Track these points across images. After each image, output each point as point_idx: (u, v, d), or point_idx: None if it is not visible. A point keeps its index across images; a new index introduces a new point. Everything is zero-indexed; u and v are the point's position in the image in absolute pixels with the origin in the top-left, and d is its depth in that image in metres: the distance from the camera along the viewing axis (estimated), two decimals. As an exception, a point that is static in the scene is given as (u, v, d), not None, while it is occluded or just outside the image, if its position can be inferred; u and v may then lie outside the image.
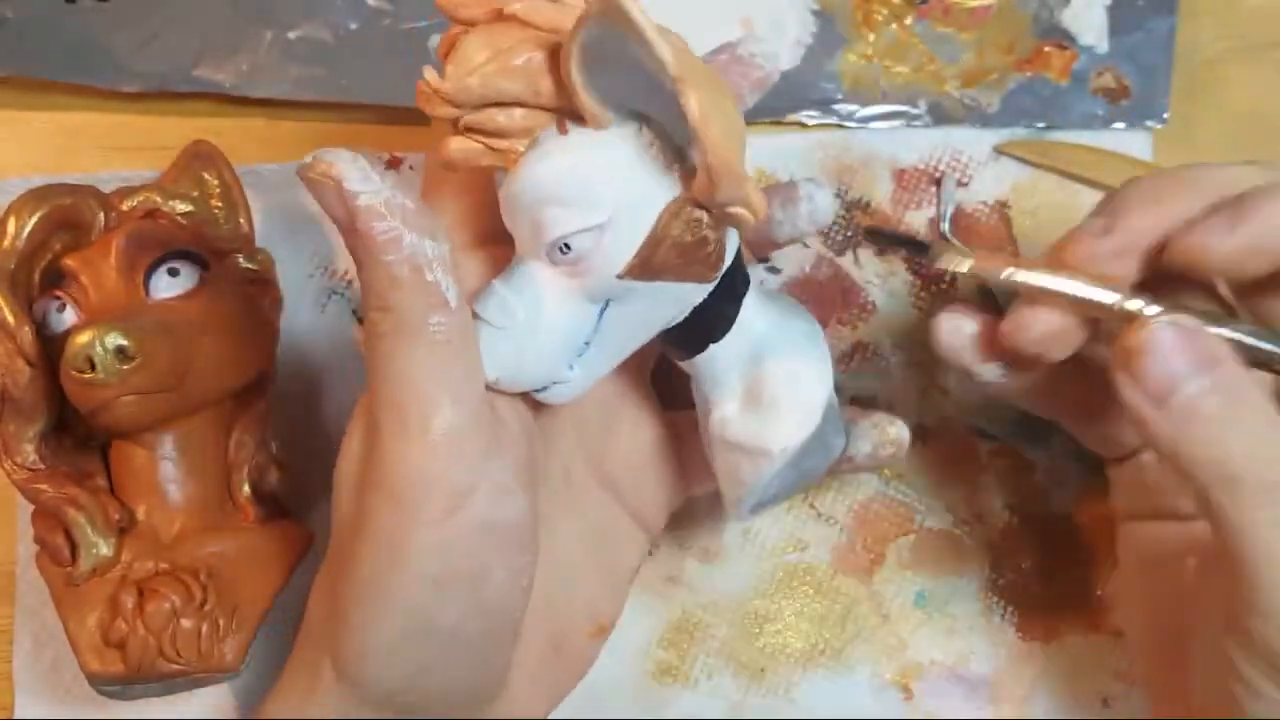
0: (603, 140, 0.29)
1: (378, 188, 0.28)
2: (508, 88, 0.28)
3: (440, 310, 0.29)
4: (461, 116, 0.29)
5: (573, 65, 0.27)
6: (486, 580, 0.31)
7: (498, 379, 0.31)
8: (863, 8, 0.44)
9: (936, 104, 0.44)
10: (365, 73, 0.43)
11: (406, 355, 0.29)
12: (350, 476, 0.31)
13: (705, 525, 0.42)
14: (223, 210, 0.40)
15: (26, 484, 0.36)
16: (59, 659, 0.41)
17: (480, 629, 0.32)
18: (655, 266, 0.30)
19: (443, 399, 0.29)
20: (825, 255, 0.43)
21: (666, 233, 0.29)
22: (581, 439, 0.36)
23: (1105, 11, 0.44)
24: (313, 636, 0.33)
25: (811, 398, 0.33)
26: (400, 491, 0.29)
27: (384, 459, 0.29)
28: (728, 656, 0.42)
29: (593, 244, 0.29)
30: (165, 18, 0.43)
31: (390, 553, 0.30)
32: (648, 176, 0.29)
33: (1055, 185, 0.44)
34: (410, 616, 0.30)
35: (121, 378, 0.34)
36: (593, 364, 0.31)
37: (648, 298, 0.30)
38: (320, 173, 0.28)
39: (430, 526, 0.29)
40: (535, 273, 0.30)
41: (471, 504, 0.30)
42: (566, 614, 0.35)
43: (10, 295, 0.35)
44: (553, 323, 0.30)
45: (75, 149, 0.44)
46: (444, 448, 0.29)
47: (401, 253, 0.28)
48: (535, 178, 0.29)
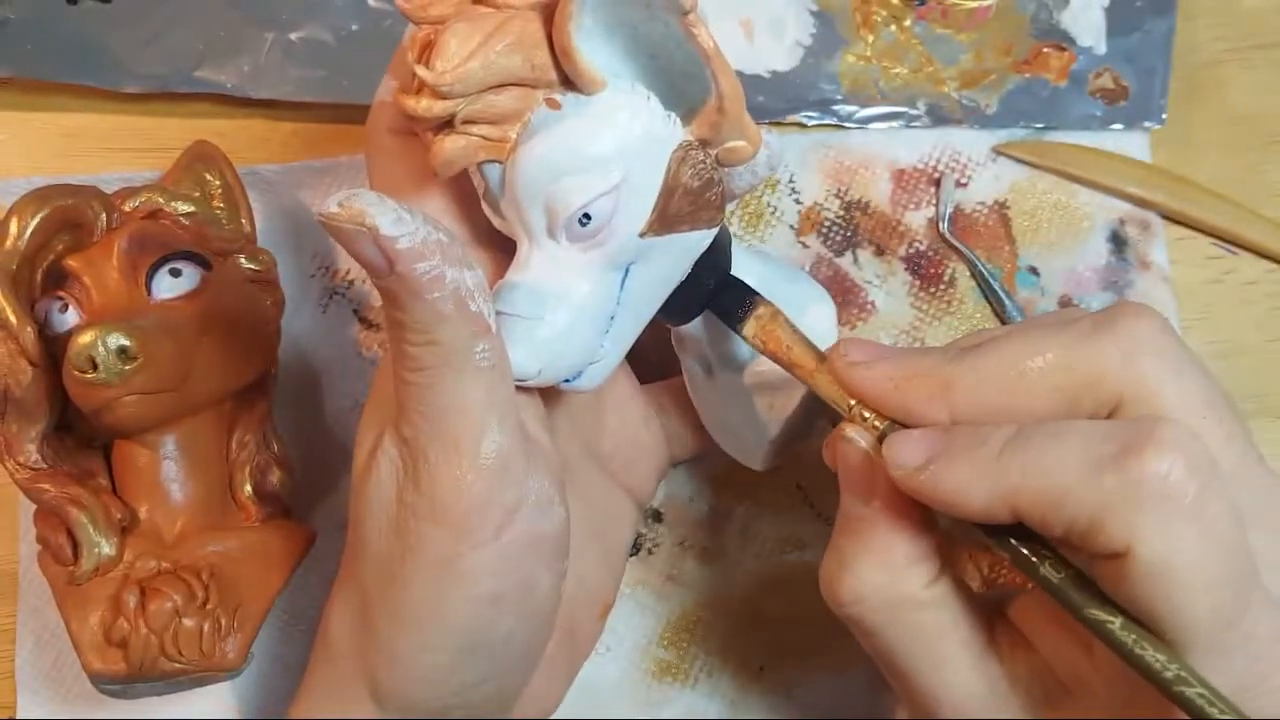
0: (600, 102, 0.29)
1: (413, 227, 0.27)
2: (508, 65, 0.28)
3: (484, 337, 0.29)
4: (454, 114, 0.28)
5: (570, 28, 0.28)
6: (535, 590, 0.31)
7: (540, 370, 0.31)
8: (862, 9, 0.44)
9: (935, 105, 0.44)
10: (366, 74, 0.43)
11: (455, 385, 0.29)
12: (385, 506, 0.31)
13: (705, 525, 0.43)
14: (224, 211, 0.40)
15: (29, 483, 0.36)
16: (61, 658, 0.42)
17: (528, 637, 0.32)
18: (671, 218, 0.30)
19: (491, 422, 0.29)
20: (825, 255, 0.44)
21: (678, 180, 0.30)
22: (576, 426, 0.36)
23: (1103, 13, 0.44)
24: (338, 660, 0.33)
25: (823, 317, 0.34)
26: (457, 517, 0.29)
27: (435, 487, 0.29)
28: (727, 655, 0.42)
29: (611, 206, 0.29)
30: (167, 19, 0.43)
31: (443, 577, 0.30)
32: (650, 128, 0.29)
33: (1054, 186, 0.44)
34: (465, 636, 0.31)
35: (124, 378, 0.34)
36: (620, 336, 0.32)
37: (664, 253, 0.31)
38: (352, 221, 0.27)
39: (484, 547, 0.30)
40: (554, 255, 0.30)
41: (519, 519, 0.30)
42: (577, 600, 0.36)
43: (13, 296, 0.35)
44: (582, 301, 0.30)
45: (77, 150, 0.44)
46: (494, 469, 0.29)
47: (445, 289, 0.28)
48: (541, 157, 0.29)
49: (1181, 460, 0.25)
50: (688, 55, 0.28)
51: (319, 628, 0.34)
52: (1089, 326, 0.28)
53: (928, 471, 0.28)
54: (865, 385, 0.30)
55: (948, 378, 0.28)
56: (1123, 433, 0.26)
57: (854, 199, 0.44)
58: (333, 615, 0.33)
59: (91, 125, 0.44)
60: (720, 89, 0.29)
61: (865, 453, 0.29)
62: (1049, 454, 0.26)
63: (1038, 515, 0.26)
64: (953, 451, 0.27)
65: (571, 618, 0.35)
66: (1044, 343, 0.28)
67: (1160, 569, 0.25)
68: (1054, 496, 0.26)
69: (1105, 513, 0.25)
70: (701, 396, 0.37)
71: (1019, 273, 0.43)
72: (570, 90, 0.29)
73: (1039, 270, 0.43)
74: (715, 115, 0.29)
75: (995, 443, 0.27)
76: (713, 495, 0.43)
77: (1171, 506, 0.25)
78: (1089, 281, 0.43)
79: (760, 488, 0.42)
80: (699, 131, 0.30)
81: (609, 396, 0.37)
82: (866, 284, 0.43)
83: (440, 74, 0.28)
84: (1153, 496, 0.25)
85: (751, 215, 0.44)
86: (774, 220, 0.44)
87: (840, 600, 0.30)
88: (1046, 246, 0.43)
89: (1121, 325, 0.28)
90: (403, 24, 0.43)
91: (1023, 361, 0.28)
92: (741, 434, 0.36)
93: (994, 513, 0.27)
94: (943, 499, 0.28)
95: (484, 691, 0.32)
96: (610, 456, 0.37)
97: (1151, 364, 0.27)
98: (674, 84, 0.29)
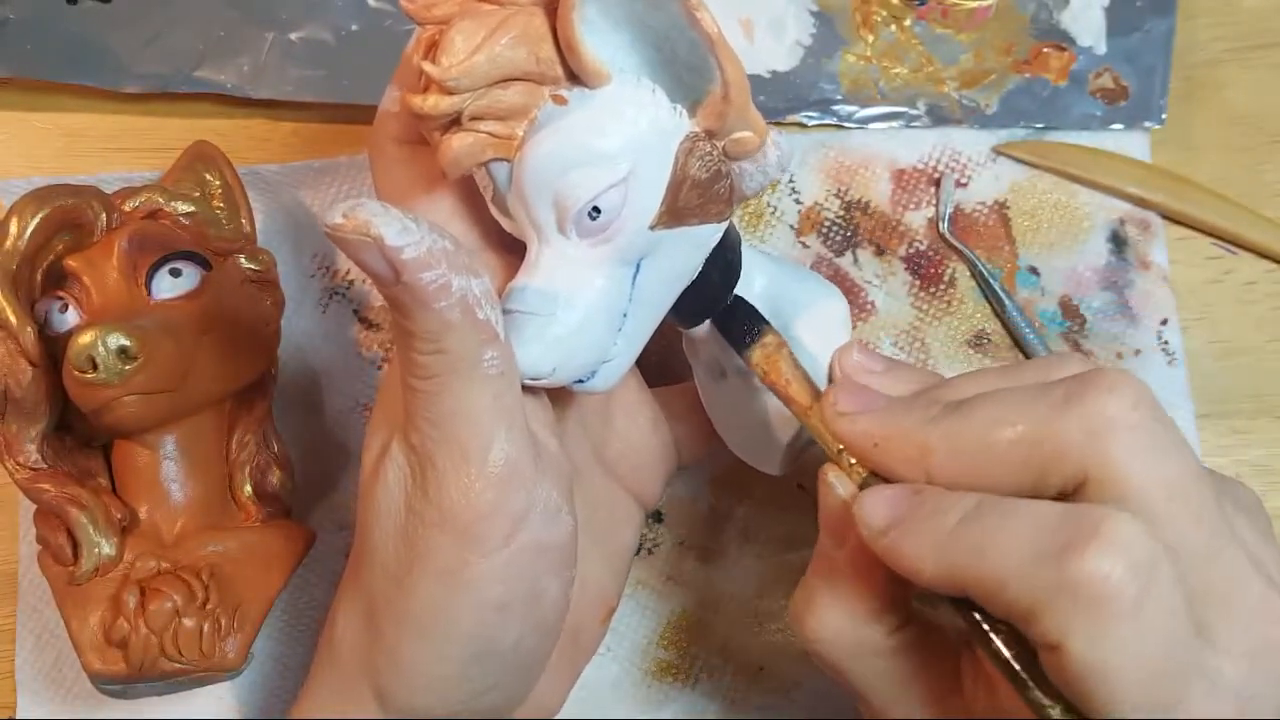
0: (606, 96, 0.29)
1: (419, 236, 0.27)
2: (514, 58, 0.28)
3: (492, 344, 0.29)
4: (461, 110, 0.28)
5: (574, 19, 0.28)
6: (543, 597, 0.32)
7: (555, 368, 0.30)
8: (862, 9, 0.44)
9: (935, 105, 0.44)
10: (366, 73, 0.43)
11: (463, 393, 0.29)
12: (393, 512, 0.31)
13: (705, 525, 0.43)
14: (224, 211, 0.40)
15: (29, 484, 0.36)
16: (61, 658, 0.42)
17: (535, 644, 0.32)
18: (680, 210, 0.30)
19: (499, 429, 0.29)
20: (825, 255, 0.44)
21: (686, 172, 0.30)
22: (585, 431, 0.36)
23: (1103, 13, 0.44)
24: (342, 663, 0.33)
25: (836, 314, 0.34)
26: (465, 525, 0.29)
27: (444, 495, 0.29)
28: (728, 655, 0.42)
29: (621, 199, 0.29)
30: (167, 19, 0.43)
31: (450, 584, 0.30)
32: (657, 120, 0.29)
33: (1054, 186, 0.44)
34: (473, 643, 0.31)
35: (124, 378, 0.34)
36: (632, 335, 0.32)
37: (674, 247, 0.31)
38: (357, 231, 0.26)
39: (492, 555, 0.30)
40: (564, 252, 0.30)
41: (526, 527, 0.30)
42: (582, 604, 0.36)
43: (13, 296, 0.35)
44: (594, 297, 0.30)
45: (77, 149, 0.44)
46: (503, 477, 0.29)
47: (452, 297, 0.28)
48: (548, 152, 0.29)
49: (1123, 561, 0.25)
50: (691, 45, 0.28)
51: (324, 630, 0.34)
52: (1061, 397, 0.28)
53: (889, 536, 0.28)
54: (848, 439, 0.30)
55: (924, 442, 0.29)
56: (1070, 524, 0.26)
57: (854, 199, 0.44)
58: (338, 618, 0.33)
59: (91, 125, 0.44)
60: (725, 76, 0.29)
61: (843, 501, 0.30)
62: (996, 537, 0.26)
63: (981, 595, 0.27)
64: (914, 519, 0.28)
65: (575, 621, 0.35)
66: (1017, 412, 0.28)
67: (1092, 667, 0.25)
68: (994, 582, 0.26)
69: (1041, 607, 0.25)
70: (713, 401, 0.37)
71: (1019, 273, 0.43)
72: (576, 85, 0.29)
73: (1039, 270, 0.43)
74: (721, 104, 0.29)
75: (953, 516, 0.27)
76: (713, 495, 0.43)
77: (1107, 608, 0.25)
78: (1089, 281, 0.43)
79: (760, 488, 0.42)
80: (705, 122, 0.30)
81: (618, 400, 0.37)
82: (866, 284, 0.43)
83: (446, 69, 0.28)
84: (1089, 597, 0.25)
85: (752, 215, 0.44)
86: (774, 220, 0.44)
87: (804, 636, 0.31)
88: (1046, 246, 0.43)
89: (1091, 400, 0.27)
90: (403, 23, 0.43)
91: (995, 431, 0.28)
92: (756, 439, 0.36)
93: (943, 586, 0.27)
94: (899, 566, 0.28)
95: (490, 699, 0.32)
96: (617, 460, 0.37)
97: (1117, 444, 0.27)
98: (679, 75, 0.29)
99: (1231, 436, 0.43)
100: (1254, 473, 0.43)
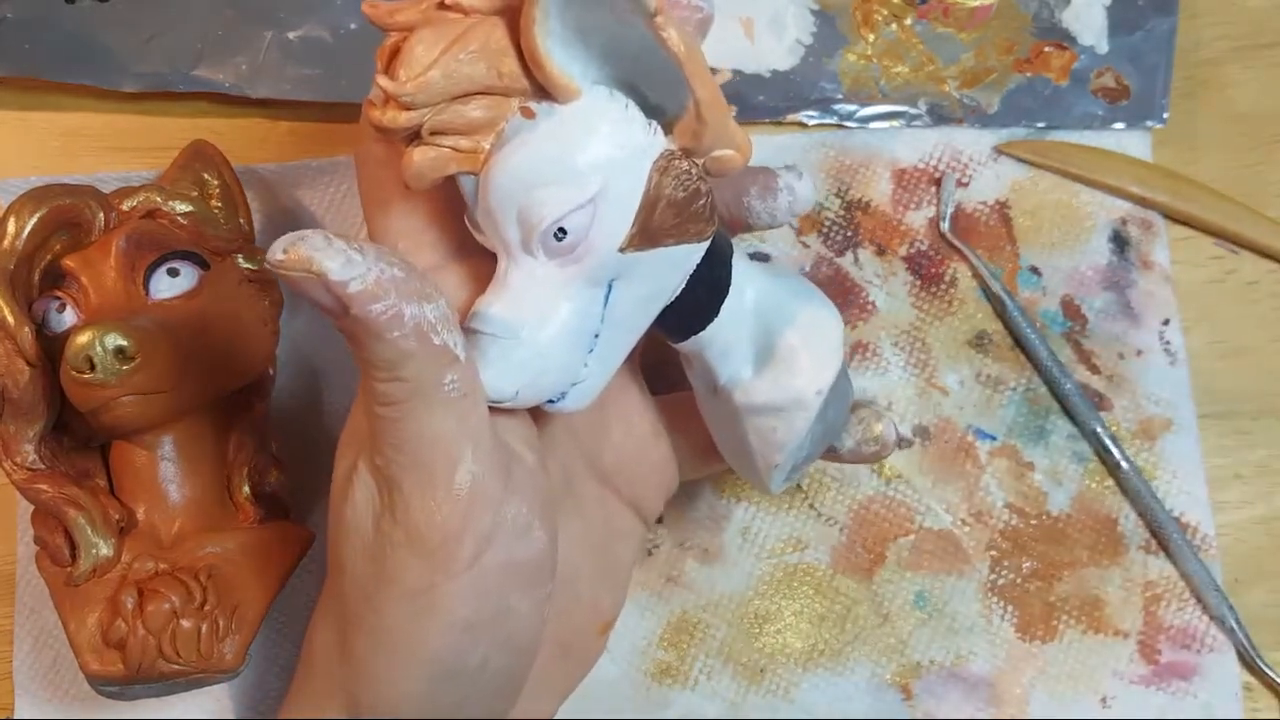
0: (575, 111, 0.28)
1: (364, 268, 0.26)
2: (471, 73, 0.27)
3: (452, 367, 0.28)
4: (421, 124, 0.27)
5: (536, 33, 0.26)
6: (510, 615, 0.31)
7: (518, 392, 0.30)
8: (862, 8, 0.44)
9: (936, 104, 0.44)
10: (365, 73, 0.42)
11: (425, 418, 0.28)
12: (362, 531, 0.30)
13: (705, 525, 0.42)
14: (222, 210, 0.40)
15: (26, 484, 0.36)
16: (59, 659, 0.42)
17: (505, 663, 0.32)
18: (654, 231, 0.29)
19: (464, 451, 0.29)
20: (825, 255, 0.43)
21: (660, 192, 0.28)
22: (578, 441, 0.35)
23: (1105, 12, 0.44)
24: (318, 674, 0.33)
25: (829, 334, 0.32)
26: (432, 546, 0.29)
27: (410, 516, 0.29)
28: (727, 657, 0.42)
29: (588, 220, 0.28)
30: (165, 18, 0.43)
31: (418, 605, 0.30)
32: (629, 137, 0.28)
33: (1055, 185, 0.44)
34: (438, 663, 0.30)
35: (121, 378, 0.34)
36: (605, 356, 0.31)
37: (650, 268, 0.29)
38: (299, 267, 0.26)
39: (459, 576, 0.29)
40: (531, 271, 0.29)
41: (494, 546, 0.30)
42: (573, 617, 0.35)
43: (10, 295, 0.35)
44: (563, 319, 0.29)
45: (75, 149, 0.44)
46: (469, 497, 0.29)
47: (405, 326, 0.27)
48: (513, 168, 0.28)
49: None
50: (662, 63, 0.27)
51: (305, 638, 0.34)
52: None
53: None
54: None
55: None
56: None
57: (855, 198, 0.44)
58: (316, 628, 0.33)
59: (89, 124, 0.44)
60: (696, 96, 0.27)
61: None
62: None
63: None
64: None
65: (566, 634, 0.35)
66: None
67: None
68: None
69: None
70: (709, 415, 0.35)
71: (1020, 272, 0.43)
72: (546, 99, 0.28)
73: (1040, 270, 0.43)
74: (694, 124, 0.28)
75: None
76: (713, 495, 0.43)
77: None
78: (1091, 281, 0.43)
79: (760, 488, 0.42)
80: (680, 140, 0.28)
81: (615, 410, 0.36)
82: (867, 284, 0.43)
83: (402, 84, 0.27)
84: None
85: (752, 215, 0.44)
86: (774, 220, 0.44)
87: None
88: (1048, 246, 0.43)
89: None
90: (402, 23, 0.43)
91: None
92: (748, 455, 0.35)
93: None
94: None
95: (464, 715, 0.32)
96: (614, 471, 0.36)
97: None
98: (653, 90, 0.28)
99: (1234, 437, 0.43)
100: (1256, 473, 0.42)
